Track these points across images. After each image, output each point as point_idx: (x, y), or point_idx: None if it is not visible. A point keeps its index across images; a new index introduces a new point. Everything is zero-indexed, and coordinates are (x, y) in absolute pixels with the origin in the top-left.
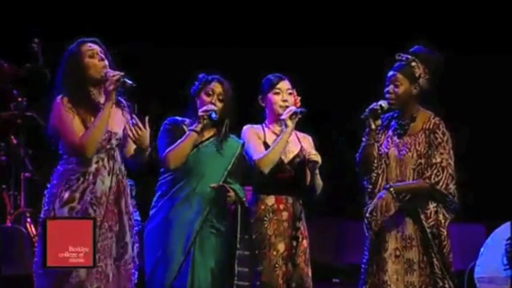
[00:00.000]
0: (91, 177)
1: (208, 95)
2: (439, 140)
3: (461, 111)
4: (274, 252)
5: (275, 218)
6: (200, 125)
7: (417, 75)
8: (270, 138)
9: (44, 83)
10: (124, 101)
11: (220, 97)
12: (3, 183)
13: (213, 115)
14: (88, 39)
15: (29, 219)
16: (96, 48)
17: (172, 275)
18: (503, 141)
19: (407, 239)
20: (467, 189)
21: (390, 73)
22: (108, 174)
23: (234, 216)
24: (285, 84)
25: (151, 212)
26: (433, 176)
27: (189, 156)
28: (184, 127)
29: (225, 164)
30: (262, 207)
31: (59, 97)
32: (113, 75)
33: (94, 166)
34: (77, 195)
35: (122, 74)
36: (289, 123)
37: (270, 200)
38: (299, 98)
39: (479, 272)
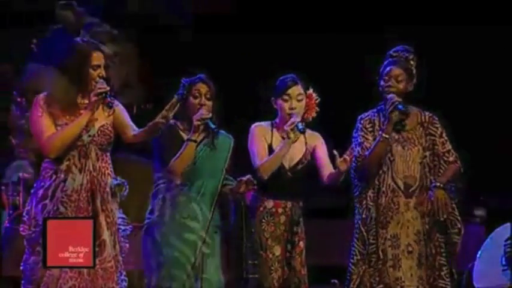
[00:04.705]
0: (62, 175)
1: (195, 97)
2: (440, 130)
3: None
4: (271, 255)
5: (273, 220)
6: (197, 134)
7: (414, 72)
8: (276, 142)
9: None
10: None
11: (208, 96)
12: (2, 184)
13: (211, 124)
14: (100, 48)
15: None
16: (102, 61)
17: (184, 276)
18: (503, 140)
19: (418, 234)
20: (467, 189)
21: (393, 68)
22: (80, 172)
23: (237, 212)
24: (295, 90)
25: (154, 215)
26: (451, 158)
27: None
28: (178, 130)
29: (221, 163)
30: (261, 209)
31: (40, 95)
32: (100, 88)
33: (65, 163)
34: (49, 192)
35: (108, 88)
36: (292, 136)
37: (269, 203)
38: (317, 100)
39: (477, 272)
